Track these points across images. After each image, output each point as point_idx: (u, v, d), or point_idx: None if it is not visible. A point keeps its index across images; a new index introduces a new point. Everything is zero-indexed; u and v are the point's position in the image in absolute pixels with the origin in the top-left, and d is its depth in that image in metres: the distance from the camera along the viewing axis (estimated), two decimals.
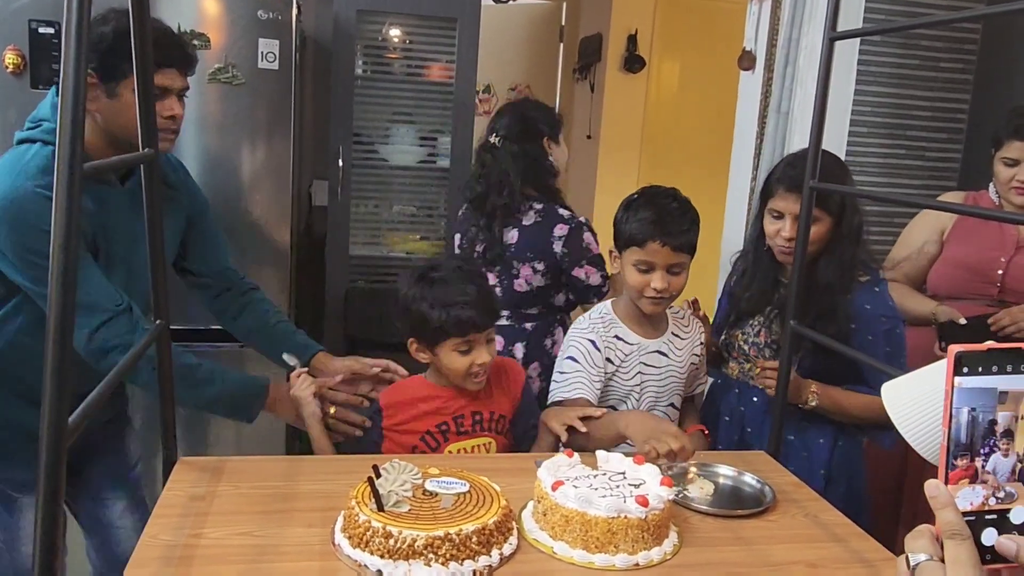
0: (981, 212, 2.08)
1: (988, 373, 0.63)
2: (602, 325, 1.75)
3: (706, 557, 1.25)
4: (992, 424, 0.64)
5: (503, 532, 1.20)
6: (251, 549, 1.18)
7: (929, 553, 0.63)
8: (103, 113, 1.52)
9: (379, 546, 1.13)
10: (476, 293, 1.60)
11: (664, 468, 1.38)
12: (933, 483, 0.64)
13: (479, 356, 1.60)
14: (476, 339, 1.60)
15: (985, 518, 0.64)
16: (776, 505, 1.43)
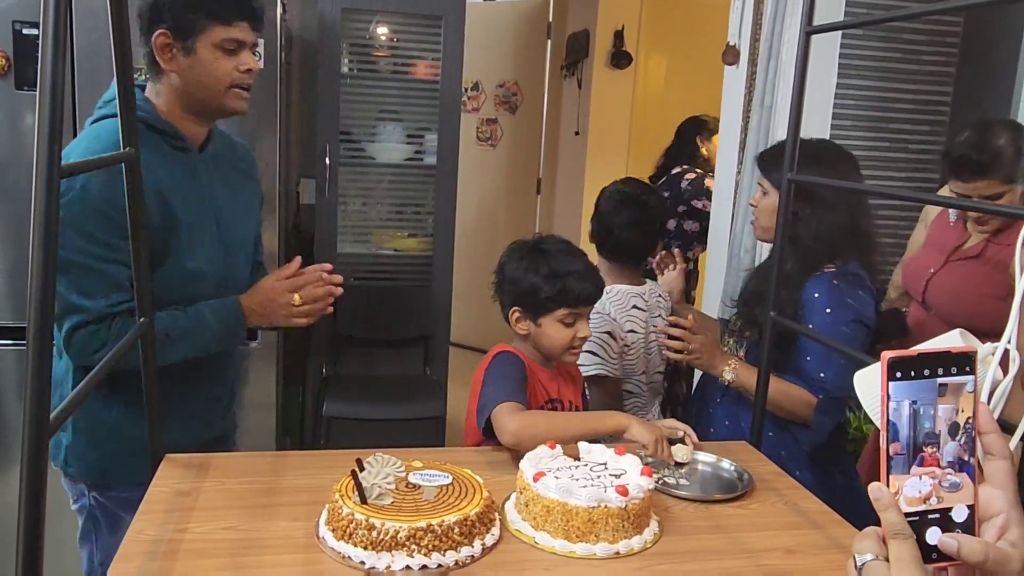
0: (946, 202, 2.09)
1: (920, 377, 0.65)
2: None
3: (686, 545, 1.27)
4: (933, 416, 0.66)
5: (485, 523, 1.22)
6: (236, 543, 1.19)
7: (875, 553, 0.65)
8: (181, 74, 1.50)
9: (362, 538, 1.14)
10: (585, 267, 1.66)
11: (644, 456, 1.41)
12: (876, 485, 0.66)
13: (581, 330, 1.64)
14: (582, 312, 1.65)
15: (928, 517, 0.65)
16: (756, 493, 1.46)
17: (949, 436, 0.66)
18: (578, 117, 4.91)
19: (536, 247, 1.70)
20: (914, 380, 0.65)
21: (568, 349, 1.66)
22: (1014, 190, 1.93)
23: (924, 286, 2.14)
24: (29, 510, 0.85)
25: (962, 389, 0.66)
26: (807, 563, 1.23)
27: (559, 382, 1.75)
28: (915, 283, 2.20)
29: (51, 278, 0.84)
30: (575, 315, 1.64)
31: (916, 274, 2.20)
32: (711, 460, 1.56)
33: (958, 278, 2.07)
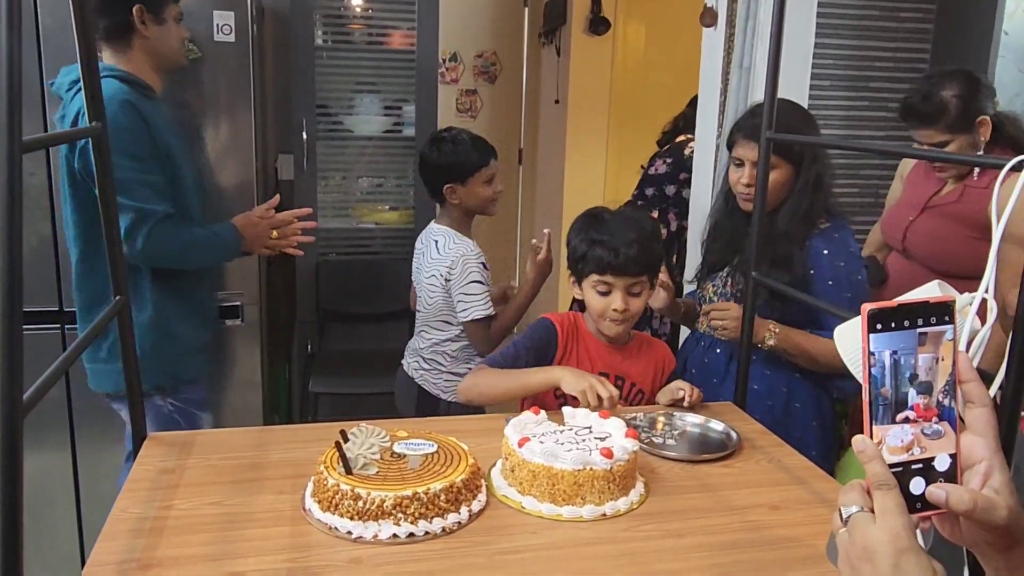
0: (925, 154, 2.10)
1: (901, 328, 0.65)
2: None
3: (672, 504, 1.27)
4: (914, 366, 0.66)
5: (471, 490, 1.22)
6: (222, 517, 1.19)
7: (860, 504, 0.65)
8: (153, 39, 1.90)
9: (348, 508, 1.14)
10: (626, 238, 1.61)
11: (628, 420, 1.41)
12: (859, 438, 0.66)
13: (615, 301, 1.62)
14: (614, 283, 1.62)
15: (912, 468, 0.66)
16: (741, 452, 1.47)
17: (931, 385, 0.66)
18: (557, 86, 4.87)
19: (592, 213, 1.71)
20: (894, 331, 0.65)
21: (604, 318, 1.65)
22: (958, 139, 1.99)
23: (903, 234, 2.16)
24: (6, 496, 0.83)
25: (941, 338, 0.66)
26: (791, 517, 1.24)
27: (624, 358, 1.72)
28: (895, 232, 2.21)
29: (17, 254, 0.82)
30: (606, 284, 1.63)
31: (895, 223, 2.21)
32: (699, 421, 1.57)
33: (936, 223, 2.09)
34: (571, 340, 1.71)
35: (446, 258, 2.17)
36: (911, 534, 0.63)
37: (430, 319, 2.24)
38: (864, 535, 0.63)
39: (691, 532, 1.19)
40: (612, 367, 1.71)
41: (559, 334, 1.70)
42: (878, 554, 0.61)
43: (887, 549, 0.61)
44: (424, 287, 2.24)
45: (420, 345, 2.28)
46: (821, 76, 2.87)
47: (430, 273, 2.20)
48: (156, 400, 1.92)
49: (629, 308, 1.64)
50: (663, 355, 1.79)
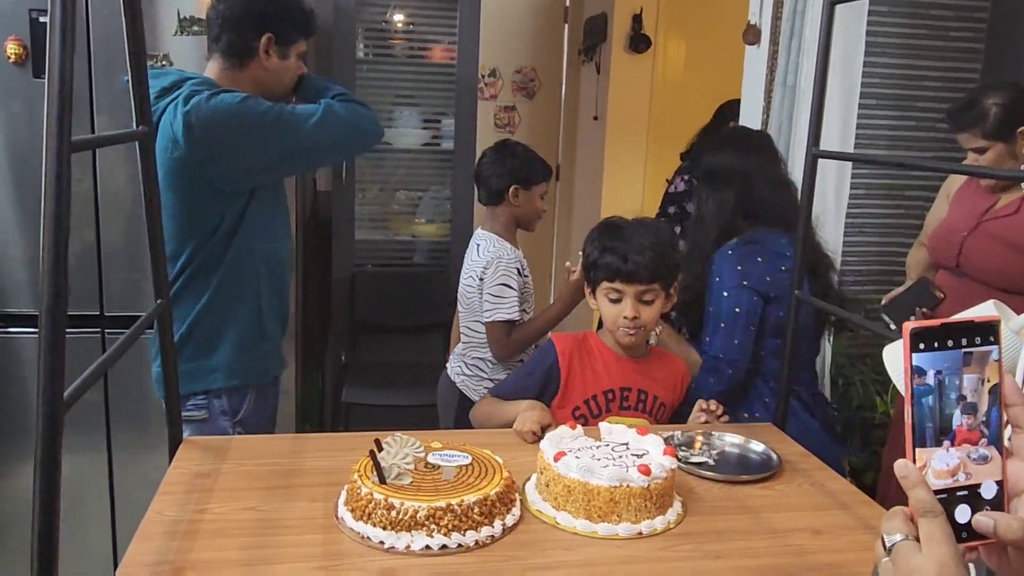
0: (967, 169, 2.06)
1: (944, 348, 0.63)
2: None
3: (710, 525, 1.24)
4: (959, 387, 0.63)
5: (505, 503, 1.20)
6: (255, 523, 1.18)
7: (904, 533, 0.62)
8: (270, 71, 1.83)
9: (381, 518, 1.13)
10: (639, 246, 1.59)
11: (665, 438, 1.39)
12: (902, 463, 0.63)
13: (626, 309, 1.60)
14: (625, 290, 1.60)
15: (957, 495, 0.63)
16: (782, 474, 1.43)
17: (976, 407, 0.63)
18: (596, 102, 4.86)
19: (608, 221, 1.71)
20: (939, 351, 0.63)
21: (616, 327, 1.63)
22: (996, 146, 2.02)
23: (958, 251, 2.11)
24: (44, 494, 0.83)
25: (987, 358, 0.63)
26: (835, 543, 1.21)
27: (644, 371, 1.69)
28: (947, 250, 2.16)
29: (63, 252, 0.83)
30: (617, 291, 1.61)
31: (946, 242, 2.16)
32: (738, 441, 1.53)
33: (992, 238, 2.05)
34: (576, 359, 1.68)
35: (483, 259, 2.19)
36: (960, 564, 0.60)
37: (468, 321, 2.25)
38: (909, 564, 0.60)
39: (730, 554, 1.16)
40: (632, 381, 1.68)
41: (559, 356, 1.68)
42: None
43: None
44: (463, 289, 2.25)
45: (462, 350, 2.29)
46: (869, 95, 2.83)
47: (468, 275, 2.22)
48: (223, 423, 1.84)
49: (640, 316, 1.61)
50: (680, 368, 1.77)
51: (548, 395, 1.67)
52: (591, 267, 1.66)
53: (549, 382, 1.67)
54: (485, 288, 2.17)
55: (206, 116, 1.65)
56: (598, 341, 1.72)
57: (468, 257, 2.28)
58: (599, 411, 1.66)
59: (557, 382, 1.67)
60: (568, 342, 1.71)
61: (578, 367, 1.68)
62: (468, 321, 2.26)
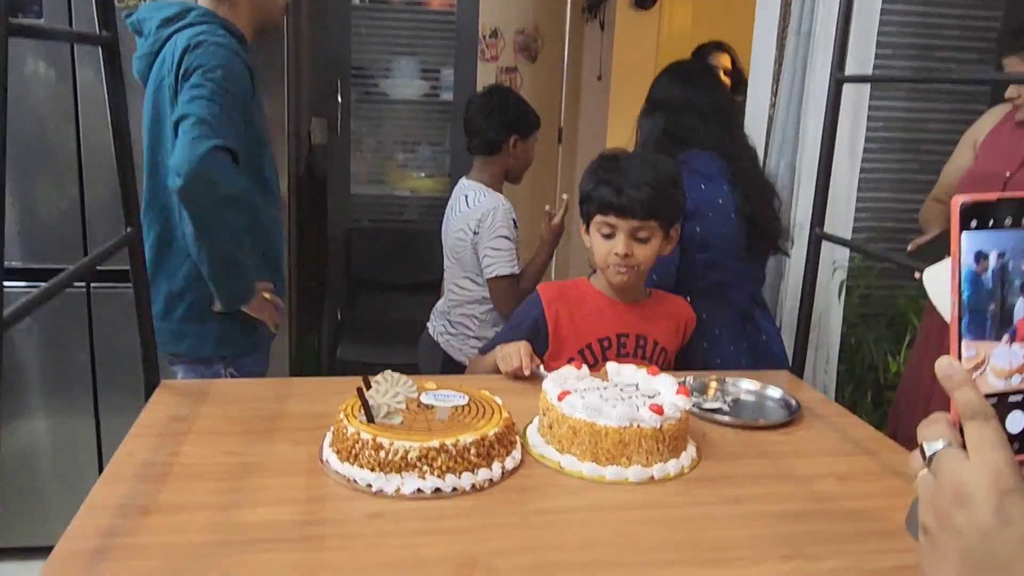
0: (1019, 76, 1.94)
1: (1001, 226, 0.52)
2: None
3: (727, 470, 1.15)
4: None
5: (505, 445, 1.11)
6: (234, 467, 1.09)
7: (947, 439, 0.52)
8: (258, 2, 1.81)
9: (369, 459, 1.04)
10: (636, 179, 1.47)
11: None
12: (945, 361, 0.52)
13: (617, 245, 1.49)
14: (619, 225, 1.49)
15: (1009, 400, 0.53)
16: (801, 420, 1.33)
17: None
18: (601, 61, 4.72)
19: (607, 153, 1.60)
20: (997, 230, 0.52)
21: (607, 265, 1.52)
22: None
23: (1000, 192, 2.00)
24: None
25: None
26: (861, 489, 1.11)
27: (643, 316, 1.59)
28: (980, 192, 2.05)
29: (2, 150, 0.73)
30: (609, 226, 1.49)
31: (984, 187, 2.05)
32: (754, 388, 1.44)
33: None
34: (564, 307, 1.57)
35: (475, 211, 2.08)
36: (1017, 473, 0.49)
37: (457, 277, 2.15)
38: (955, 475, 0.50)
39: (750, 500, 1.07)
40: (630, 326, 1.57)
41: (545, 308, 1.57)
42: (975, 497, 0.48)
43: (987, 491, 0.48)
44: (451, 242, 2.15)
45: (446, 307, 2.19)
46: (886, 45, 2.71)
47: (458, 227, 2.12)
48: (217, 366, 1.83)
49: (634, 255, 1.49)
50: (683, 312, 1.65)
51: (538, 349, 1.56)
52: (585, 199, 1.54)
53: (536, 335, 1.56)
54: (482, 242, 2.08)
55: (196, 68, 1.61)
56: (590, 286, 1.61)
57: (454, 208, 2.17)
58: (595, 360, 1.55)
59: (545, 334, 1.56)
60: (554, 291, 1.60)
61: (567, 316, 1.57)
62: (456, 277, 2.16)
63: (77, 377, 2.39)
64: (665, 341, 1.60)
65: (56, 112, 2.24)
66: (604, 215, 1.49)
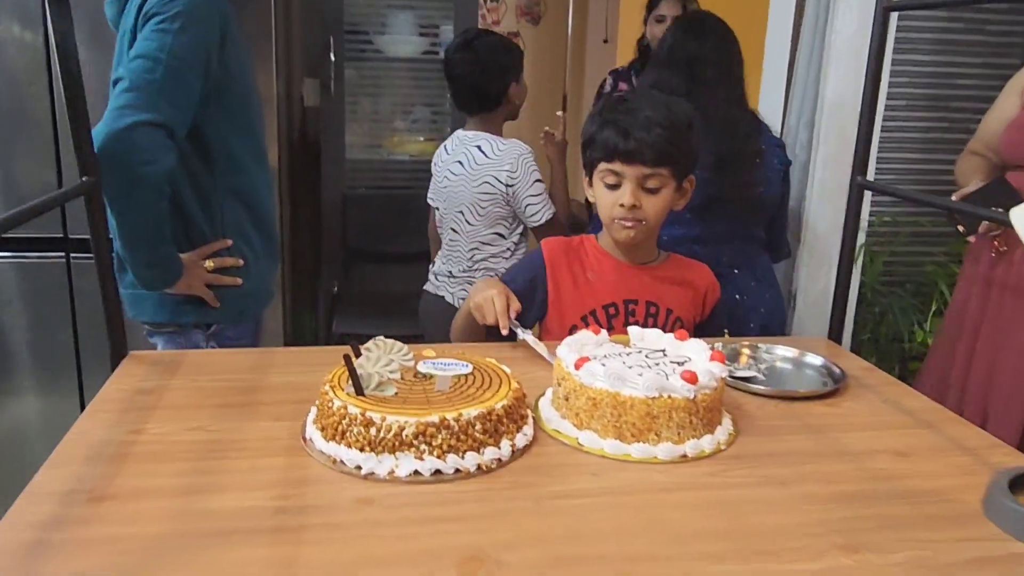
0: None
1: None
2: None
3: (768, 447, 1.00)
4: None
5: (515, 419, 0.96)
6: (202, 445, 0.95)
7: None
8: None
9: (358, 437, 0.89)
10: (648, 121, 1.30)
11: None
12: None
13: (623, 196, 1.32)
14: (625, 172, 1.32)
15: None
16: (846, 390, 1.19)
17: None
18: (607, 23, 4.54)
19: (616, 94, 1.43)
20: None
21: (612, 219, 1.36)
22: None
23: None
24: None
25: None
26: (926, 467, 0.97)
27: (655, 279, 1.42)
28: None
29: None
30: (615, 174, 1.33)
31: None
32: (791, 355, 1.29)
33: None
34: (566, 267, 1.42)
35: (502, 160, 1.97)
36: None
37: (481, 234, 2.02)
38: None
39: (797, 480, 0.92)
40: (639, 291, 1.41)
41: (546, 262, 1.42)
42: None
43: None
44: (476, 198, 2.00)
45: (466, 267, 2.05)
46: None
47: (481, 180, 1.98)
48: (196, 337, 1.64)
49: (641, 206, 1.32)
50: (705, 280, 1.48)
51: (534, 315, 1.41)
52: (587, 145, 1.38)
53: (533, 297, 1.40)
54: (520, 192, 1.99)
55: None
56: (595, 245, 1.45)
57: (468, 162, 2.02)
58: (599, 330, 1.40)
59: (543, 298, 1.41)
60: (558, 247, 1.45)
61: (569, 277, 1.42)
62: (481, 235, 2.03)
63: (62, 354, 2.26)
64: (681, 311, 1.43)
65: (30, 75, 2.09)
66: (609, 162, 1.33)
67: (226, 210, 1.61)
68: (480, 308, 1.29)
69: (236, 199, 1.61)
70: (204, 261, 1.57)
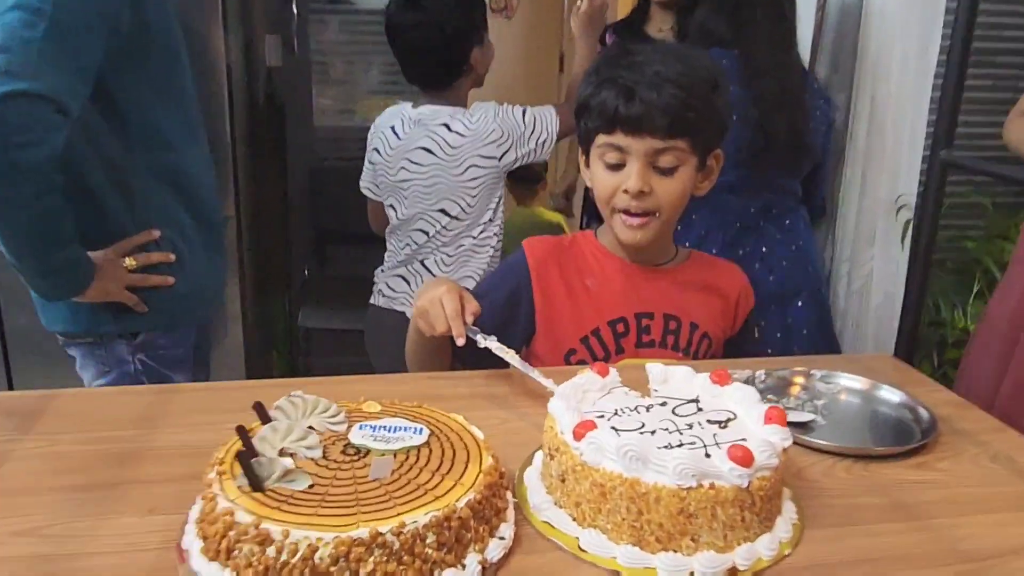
0: None
1: None
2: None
3: (853, 547, 0.70)
4: None
5: (486, 518, 0.66)
6: (32, 561, 0.65)
7: None
8: None
9: (249, 559, 0.59)
10: (657, 77, 0.98)
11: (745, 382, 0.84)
12: None
13: (629, 180, 1.01)
14: (630, 147, 1.00)
15: None
16: (939, 441, 0.89)
17: None
18: None
19: (619, 45, 1.12)
20: None
21: (615, 210, 1.04)
22: None
23: None
24: None
25: None
26: None
27: (673, 285, 1.11)
28: None
29: None
30: (617, 150, 1.01)
31: None
32: (857, 385, 0.99)
33: None
34: (557, 269, 1.11)
35: (482, 132, 1.64)
36: None
37: (471, 229, 1.70)
38: None
39: None
40: (653, 301, 1.10)
41: (531, 268, 1.10)
42: None
43: None
44: (457, 188, 1.66)
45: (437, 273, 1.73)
46: None
47: (466, 164, 1.64)
48: (119, 349, 1.35)
49: (652, 192, 1.02)
50: (736, 284, 1.17)
51: (518, 336, 1.10)
52: (582, 111, 1.05)
53: (515, 313, 1.09)
54: (522, 146, 1.68)
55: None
56: (594, 243, 1.14)
57: (439, 147, 1.65)
58: (605, 353, 1.09)
59: (530, 313, 1.10)
60: (545, 247, 1.13)
61: (562, 287, 1.10)
62: (470, 230, 1.70)
63: None
64: (708, 325, 1.12)
65: None
66: (608, 133, 1.02)
67: (150, 195, 1.31)
68: (425, 314, 0.95)
69: (163, 181, 1.32)
70: (124, 259, 1.28)
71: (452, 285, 0.96)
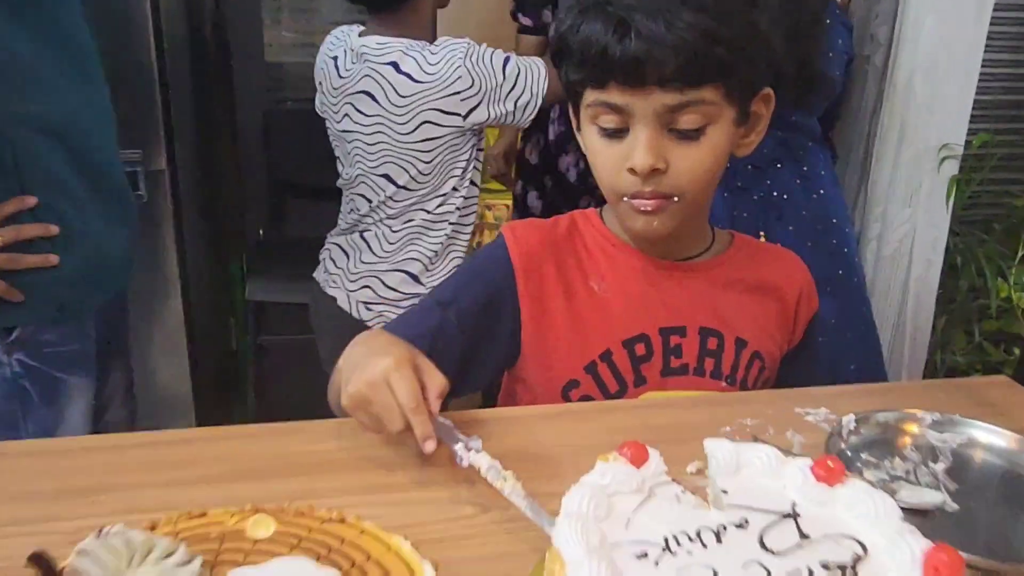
0: None
1: None
2: None
3: None
4: None
5: None
6: None
7: None
8: None
9: None
10: (672, 2, 0.68)
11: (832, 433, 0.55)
12: None
13: (633, 153, 0.71)
14: (631, 105, 0.71)
15: None
16: None
17: None
18: None
19: None
20: None
21: (618, 192, 0.74)
22: None
23: None
24: None
25: None
26: None
27: (711, 287, 0.83)
28: None
29: None
30: (614, 111, 0.71)
31: None
32: (990, 441, 0.69)
33: None
34: (553, 265, 0.81)
35: (445, 78, 1.29)
36: None
37: (422, 202, 1.38)
38: None
39: None
40: (684, 310, 0.81)
41: (516, 265, 0.81)
42: None
43: None
44: (407, 151, 1.34)
45: (378, 255, 1.42)
46: None
47: (418, 120, 1.31)
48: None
49: (670, 166, 0.72)
50: (796, 280, 0.87)
51: (496, 359, 0.82)
52: (560, 54, 0.75)
53: (494, 328, 0.80)
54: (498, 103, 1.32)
55: None
56: (601, 229, 0.84)
57: (384, 95, 1.32)
58: (620, 386, 0.79)
59: (514, 328, 0.80)
60: (535, 236, 0.82)
61: (559, 291, 0.80)
62: (428, 198, 1.38)
63: None
64: (761, 340, 0.83)
65: None
66: (599, 87, 0.71)
67: (20, 152, 1.04)
68: (366, 404, 0.61)
69: (40, 135, 1.06)
70: None
71: (399, 349, 0.63)
